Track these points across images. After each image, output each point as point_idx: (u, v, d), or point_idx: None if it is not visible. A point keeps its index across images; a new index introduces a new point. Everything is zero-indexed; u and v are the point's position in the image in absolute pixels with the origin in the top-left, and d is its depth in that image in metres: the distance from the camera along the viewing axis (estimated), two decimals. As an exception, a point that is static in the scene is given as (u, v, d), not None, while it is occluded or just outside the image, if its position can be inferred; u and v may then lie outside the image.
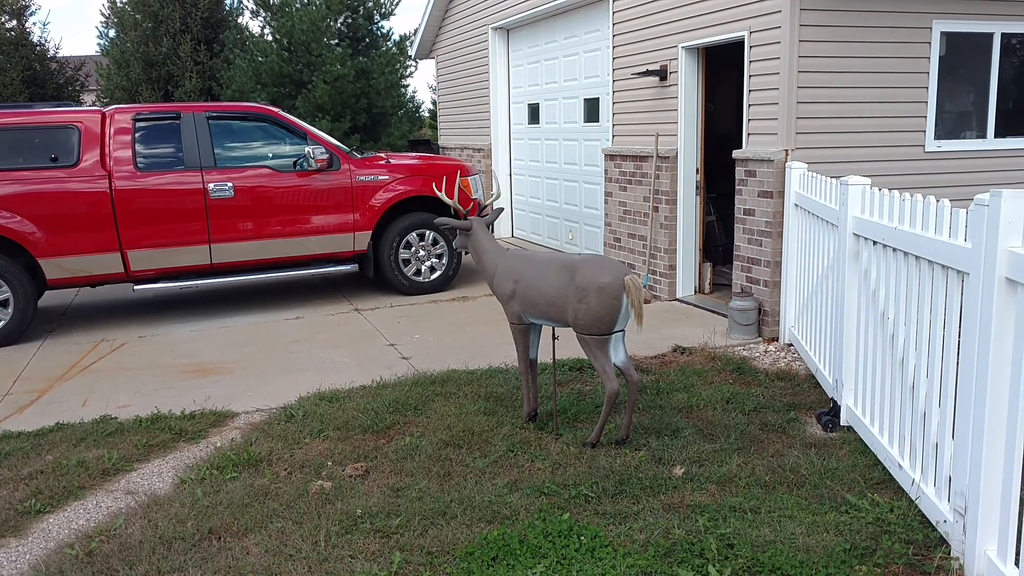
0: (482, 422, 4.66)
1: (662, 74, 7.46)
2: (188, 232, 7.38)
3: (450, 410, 4.88)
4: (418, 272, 8.33)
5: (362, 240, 8.01)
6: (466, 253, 4.99)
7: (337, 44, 14.81)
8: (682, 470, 4.02)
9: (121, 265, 7.27)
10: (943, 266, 3.30)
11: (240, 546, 3.44)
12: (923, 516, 3.46)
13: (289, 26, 14.26)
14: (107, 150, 7.16)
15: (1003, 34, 6.70)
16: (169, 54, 15.94)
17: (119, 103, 15.34)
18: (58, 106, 7.42)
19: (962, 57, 6.66)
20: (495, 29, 11.26)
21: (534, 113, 10.85)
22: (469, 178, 8.47)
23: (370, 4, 15.52)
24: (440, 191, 5.73)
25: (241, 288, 9.01)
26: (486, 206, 5.16)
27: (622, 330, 4.27)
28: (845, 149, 6.33)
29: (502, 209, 5.28)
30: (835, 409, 4.63)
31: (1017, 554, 2.86)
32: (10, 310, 6.90)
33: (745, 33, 6.42)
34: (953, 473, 3.16)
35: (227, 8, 17.13)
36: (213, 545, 3.46)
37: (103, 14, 18.61)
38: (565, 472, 4.03)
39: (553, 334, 4.71)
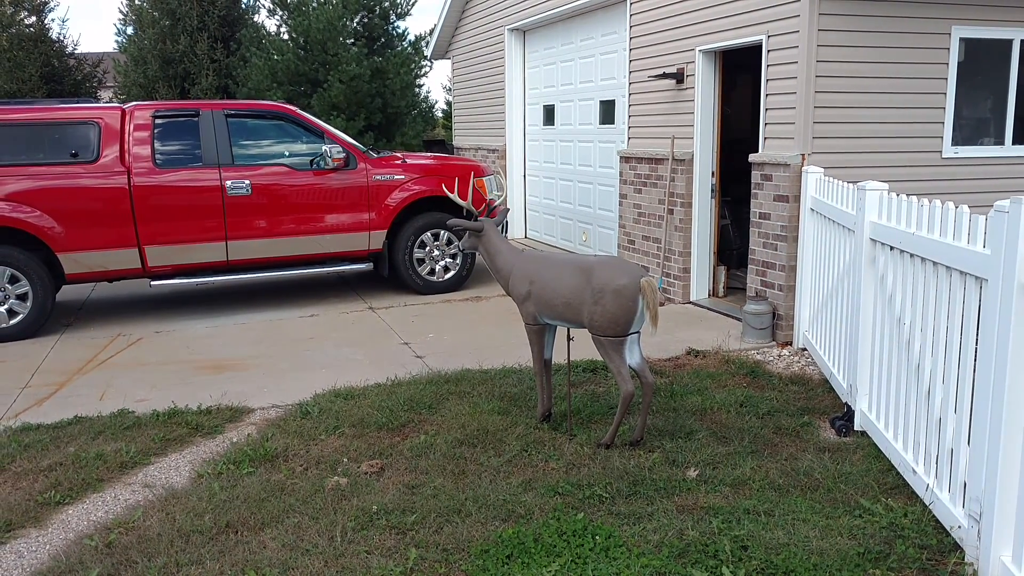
0: (496, 421, 4.68)
1: (679, 77, 7.47)
2: (205, 229, 7.44)
3: (464, 409, 4.91)
4: (432, 272, 8.36)
5: (377, 239, 8.04)
6: (476, 254, 4.99)
7: (353, 43, 14.87)
8: (696, 472, 4.03)
9: (139, 261, 7.33)
10: (961, 272, 3.30)
11: (257, 540, 3.48)
12: (937, 522, 3.46)
13: (305, 25, 14.32)
14: (126, 146, 7.23)
15: (1022, 40, 6.67)
16: (186, 52, 16.04)
17: (136, 100, 15.45)
18: (77, 102, 7.49)
19: (980, 63, 6.65)
20: (511, 30, 11.29)
21: (549, 114, 10.87)
22: (484, 179, 8.49)
23: (386, 4, 15.57)
24: (453, 192, 5.76)
25: (257, 285, 9.07)
26: (494, 208, 5.16)
27: (637, 332, 4.29)
28: (862, 154, 6.33)
29: (508, 209, 5.29)
30: (849, 414, 4.63)
31: (1032, 561, 2.86)
32: (29, 304, 6.98)
33: (763, 36, 6.42)
34: (968, 479, 3.16)
35: (244, 6, 17.22)
36: (230, 539, 3.49)
37: (121, 11, 18.76)
38: (579, 472, 4.05)
39: (568, 335, 4.73)
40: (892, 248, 4.08)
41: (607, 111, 9.30)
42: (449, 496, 3.80)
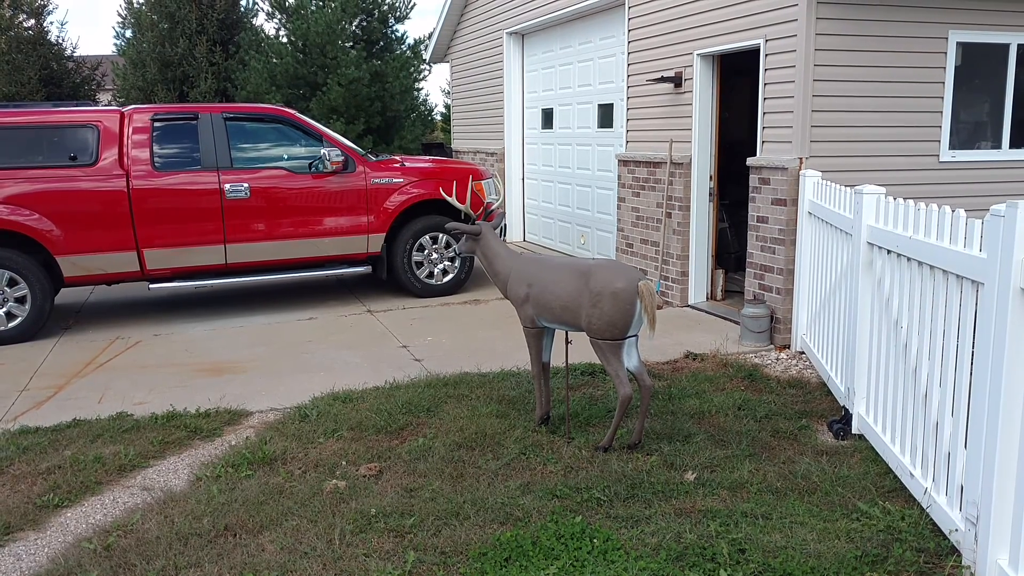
0: (494, 425, 4.69)
1: (677, 81, 7.49)
2: (204, 232, 7.44)
3: (462, 412, 4.91)
4: (430, 275, 8.37)
5: (376, 242, 8.05)
6: (475, 257, 5.00)
7: (352, 47, 14.90)
8: (694, 475, 4.04)
9: (137, 264, 7.33)
10: (958, 276, 3.31)
11: (255, 543, 3.48)
12: (934, 525, 3.46)
13: (304, 28, 14.35)
14: (125, 149, 7.23)
15: (1019, 45, 6.69)
16: (185, 55, 16.06)
17: (135, 103, 15.46)
18: (76, 105, 7.49)
19: (978, 67, 6.67)
20: (510, 34, 11.31)
21: (548, 118, 10.89)
22: (482, 182, 8.50)
23: (385, 7, 15.62)
24: (452, 195, 5.76)
25: (255, 288, 9.07)
26: (492, 211, 5.17)
27: (635, 335, 4.30)
28: (859, 158, 6.34)
29: (504, 213, 5.30)
30: (847, 417, 4.64)
31: (1029, 564, 2.87)
32: (27, 307, 6.97)
33: (761, 41, 6.44)
34: (965, 482, 3.17)
35: (243, 10, 17.25)
36: (229, 542, 3.50)
37: (120, 14, 18.79)
38: (577, 475, 4.06)
39: (566, 338, 4.74)
40: (889, 252, 4.09)
41: (605, 115, 9.32)
42: (447, 499, 3.81)
